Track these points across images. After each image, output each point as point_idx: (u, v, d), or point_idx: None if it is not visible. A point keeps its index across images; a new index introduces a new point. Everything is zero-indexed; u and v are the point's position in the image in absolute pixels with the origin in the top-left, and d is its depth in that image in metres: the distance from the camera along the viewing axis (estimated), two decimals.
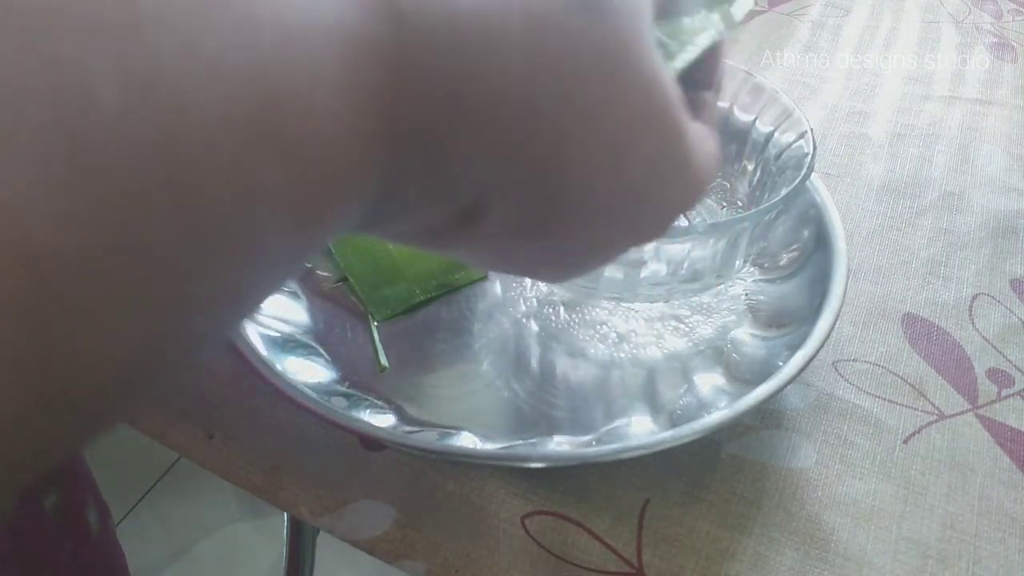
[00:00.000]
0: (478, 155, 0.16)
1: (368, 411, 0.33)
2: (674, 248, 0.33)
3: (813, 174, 0.37)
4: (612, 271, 0.35)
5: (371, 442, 0.34)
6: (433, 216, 0.17)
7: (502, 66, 0.15)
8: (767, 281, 0.40)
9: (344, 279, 0.40)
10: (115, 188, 0.10)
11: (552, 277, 0.22)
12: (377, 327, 0.38)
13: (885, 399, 0.36)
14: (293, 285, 0.39)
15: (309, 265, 0.41)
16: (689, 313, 0.39)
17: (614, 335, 0.38)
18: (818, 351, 0.33)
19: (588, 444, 0.33)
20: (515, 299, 0.40)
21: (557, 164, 0.17)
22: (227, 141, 0.11)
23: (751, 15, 0.66)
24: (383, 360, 0.37)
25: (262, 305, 0.37)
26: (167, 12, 0.11)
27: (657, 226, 0.21)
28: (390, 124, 0.14)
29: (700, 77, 0.23)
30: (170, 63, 0.10)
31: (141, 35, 0.10)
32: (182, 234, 0.11)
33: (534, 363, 0.37)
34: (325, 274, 0.41)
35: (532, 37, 0.15)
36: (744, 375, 0.35)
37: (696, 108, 0.22)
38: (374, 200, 0.15)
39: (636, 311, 0.39)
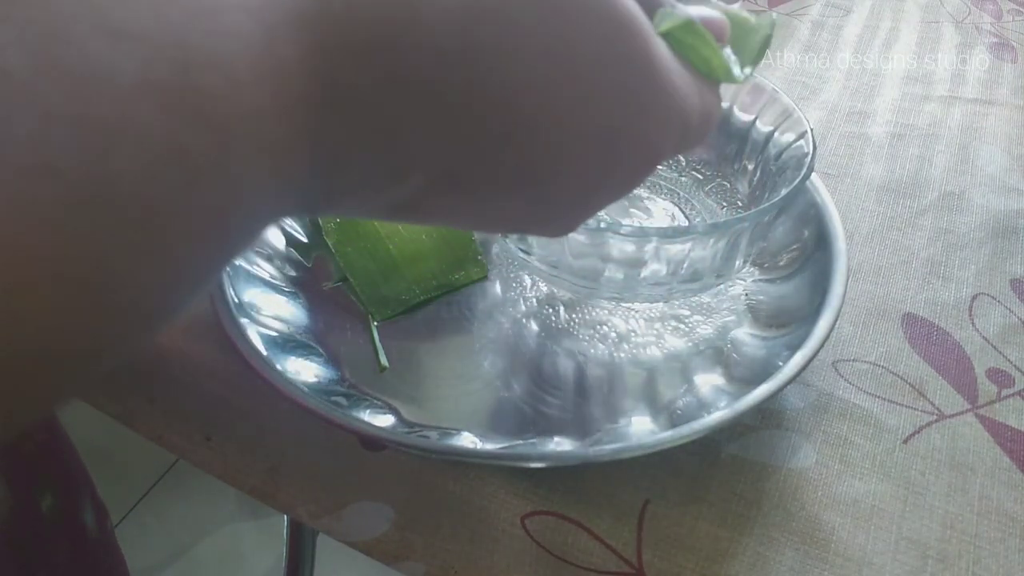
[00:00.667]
0: (429, 111, 0.15)
1: (368, 411, 0.33)
2: (674, 248, 0.33)
3: (813, 174, 0.37)
4: (612, 271, 0.35)
5: (371, 442, 0.34)
6: (402, 187, 0.17)
7: (440, 11, 0.14)
8: (767, 281, 0.40)
9: (344, 279, 0.40)
10: (26, 159, 0.10)
11: (548, 229, 0.21)
12: (377, 327, 0.38)
13: (885, 399, 0.36)
14: (293, 285, 0.40)
15: (309, 265, 0.41)
16: (689, 313, 0.39)
17: (614, 335, 0.38)
18: (818, 351, 0.33)
19: (588, 444, 0.33)
20: (515, 299, 0.40)
21: (519, 107, 0.16)
22: (141, 107, 0.11)
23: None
24: (383, 360, 0.37)
25: (261, 305, 0.37)
26: None
27: (644, 162, 0.20)
28: (321, 86, 0.14)
29: None
30: (78, 28, 0.10)
31: (48, 2, 0.10)
32: (98, 206, 0.10)
33: (534, 363, 0.37)
34: (325, 274, 0.41)
35: None
36: (744, 375, 0.35)
37: None
38: (320, 171, 0.15)
39: (636, 311, 0.39)
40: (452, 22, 0.15)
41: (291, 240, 0.41)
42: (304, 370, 0.34)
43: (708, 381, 0.36)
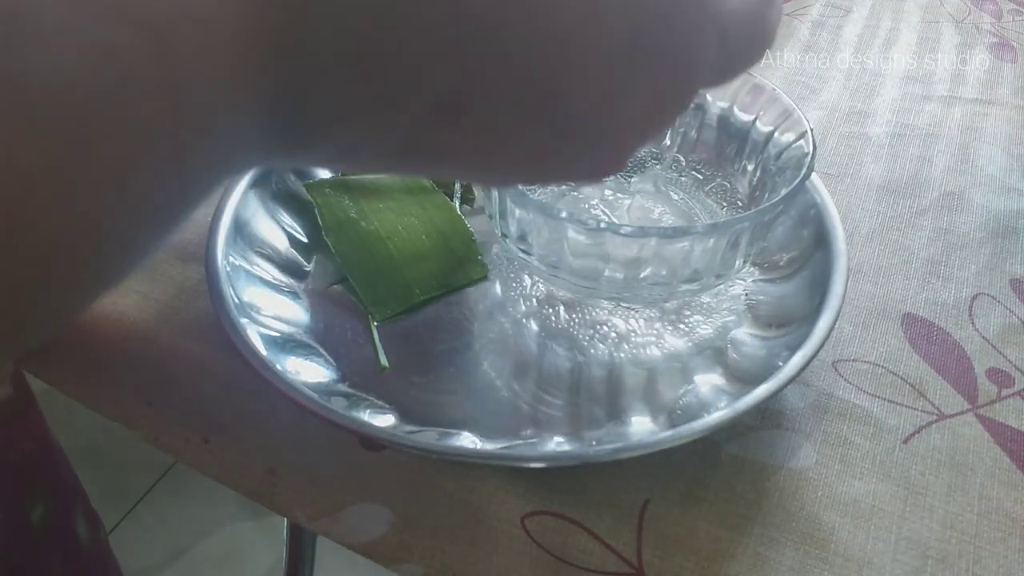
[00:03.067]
0: (415, 9, 0.13)
1: (368, 411, 0.33)
2: (674, 248, 0.33)
3: (813, 174, 0.37)
4: (612, 271, 0.35)
5: (371, 442, 0.34)
6: (398, 116, 0.15)
7: None
8: (767, 281, 0.40)
9: (344, 279, 0.40)
10: None
11: (586, 169, 0.18)
12: (377, 327, 0.38)
13: (885, 399, 0.36)
14: (293, 285, 0.40)
15: (308, 267, 0.41)
16: (689, 313, 0.39)
17: (614, 335, 0.38)
18: (818, 351, 0.33)
19: (588, 444, 0.33)
20: (515, 299, 0.40)
21: (524, 13, 0.14)
22: (59, 5, 0.10)
23: None
24: (383, 360, 0.37)
25: (261, 305, 0.37)
26: None
27: (678, 75, 0.17)
28: None
29: None
30: None
31: None
32: (51, 136, 0.10)
33: (534, 363, 0.37)
34: (325, 274, 0.41)
35: None
36: (744, 375, 0.35)
37: None
38: (292, 91, 0.13)
39: (636, 311, 0.39)
40: None
41: (291, 240, 0.41)
42: (304, 370, 0.34)
43: (708, 381, 0.36)
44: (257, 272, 0.38)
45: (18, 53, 0.09)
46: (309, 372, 0.35)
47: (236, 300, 0.35)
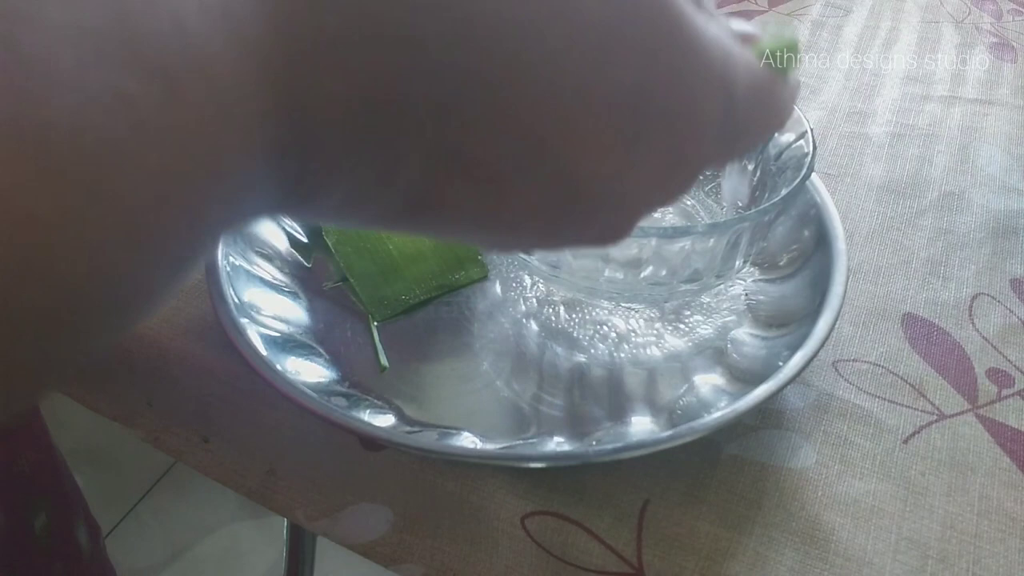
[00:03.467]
0: (416, 64, 0.13)
1: (368, 411, 0.33)
2: (674, 248, 0.33)
3: (813, 174, 0.37)
4: (612, 271, 0.35)
5: (371, 442, 0.34)
6: (400, 171, 0.15)
7: None
8: (767, 281, 0.40)
9: (344, 279, 0.40)
10: None
11: (592, 234, 0.18)
12: (377, 327, 0.38)
13: (885, 399, 0.36)
14: (293, 285, 0.40)
15: (309, 265, 0.41)
16: (689, 313, 0.39)
17: (614, 335, 0.38)
18: (818, 351, 0.33)
19: (588, 444, 0.33)
20: (515, 299, 0.40)
21: (528, 71, 0.14)
22: (70, 50, 0.10)
23: (751, 15, 0.66)
24: (383, 360, 0.37)
25: (261, 305, 0.37)
26: None
27: (684, 138, 0.17)
28: (282, 31, 0.12)
29: None
30: None
31: None
32: (65, 181, 0.10)
33: (534, 363, 0.37)
34: (325, 274, 0.41)
35: None
36: (744, 375, 0.35)
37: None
38: (296, 146, 0.13)
39: (636, 311, 0.39)
40: None
41: (291, 240, 0.41)
42: (304, 370, 0.34)
43: (708, 381, 0.36)
44: (257, 272, 0.38)
45: (35, 97, 0.09)
46: (309, 372, 0.35)
47: (236, 300, 0.35)
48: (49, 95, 0.09)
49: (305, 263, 0.41)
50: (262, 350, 0.33)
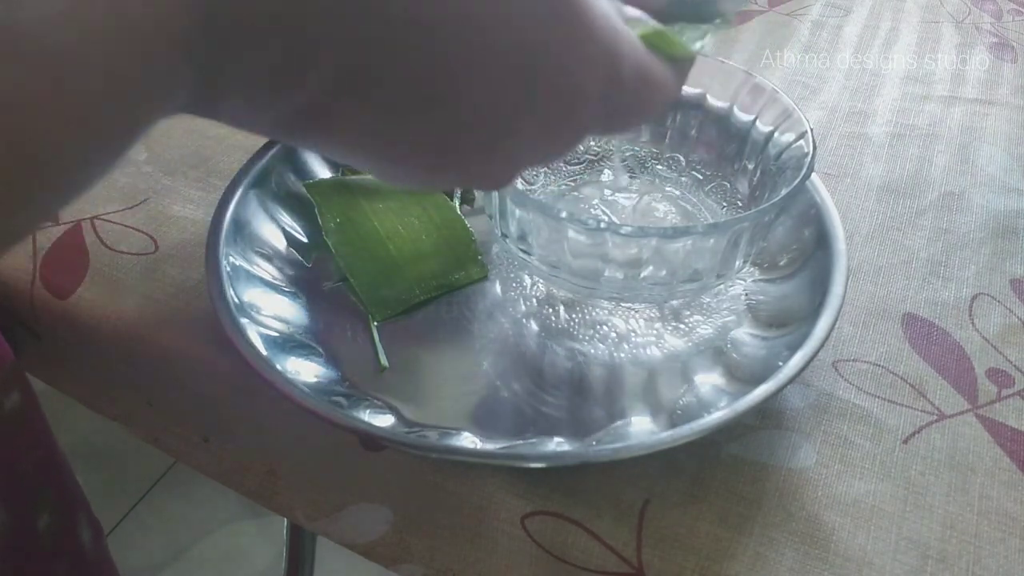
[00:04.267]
0: (324, 4, 0.15)
1: (368, 411, 0.33)
2: (674, 248, 0.33)
3: (813, 174, 0.37)
4: (612, 271, 0.35)
5: (371, 442, 0.34)
6: (299, 87, 0.16)
7: None
8: (767, 281, 0.40)
9: (344, 279, 0.40)
10: None
11: (469, 174, 0.20)
12: (377, 327, 0.38)
13: (885, 399, 0.36)
14: (293, 285, 0.40)
15: (309, 265, 0.41)
16: (689, 313, 0.39)
17: (614, 335, 0.38)
18: (818, 351, 0.33)
19: (588, 444, 0.33)
20: (515, 299, 0.40)
21: (435, 8, 0.15)
22: None
23: (751, 15, 0.66)
24: (383, 360, 0.37)
25: (261, 305, 0.37)
26: None
27: (565, 103, 0.19)
28: None
29: None
30: None
31: None
32: (34, 73, 0.11)
33: (534, 363, 0.37)
34: (325, 274, 0.41)
35: None
36: (744, 375, 0.35)
37: None
38: (201, 55, 0.14)
39: (636, 311, 0.39)
40: None
41: (291, 240, 0.41)
42: (304, 370, 0.34)
43: (708, 381, 0.36)
44: (257, 272, 0.38)
45: (12, 5, 0.11)
46: (309, 372, 0.35)
47: (236, 300, 0.35)
48: (24, 6, 0.12)
49: (305, 263, 0.41)
50: (262, 350, 0.33)
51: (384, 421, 0.33)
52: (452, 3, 0.16)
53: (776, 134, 0.39)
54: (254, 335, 0.34)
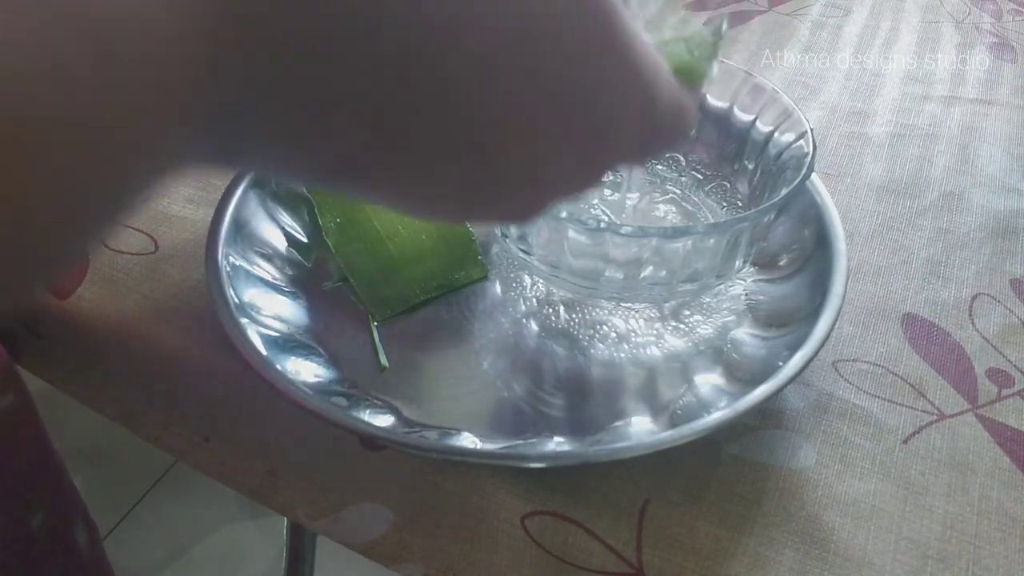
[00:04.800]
0: (347, 33, 0.14)
1: (368, 411, 0.33)
2: (674, 248, 0.33)
3: (813, 174, 0.37)
4: (612, 271, 0.35)
5: (371, 442, 0.34)
6: (328, 136, 0.15)
7: None
8: (767, 281, 0.40)
9: (344, 279, 0.40)
10: None
11: (506, 211, 0.20)
12: (377, 327, 0.38)
13: (885, 399, 0.36)
14: (293, 285, 0.40)
15: (309, 265, 0.41)
16: (689, 313, 0.39)
17: (614, 335, 0.38)
18: (818, 351, 0.33)
19: (588, 444, 0.33)
20: (515, 299, 0.40)
21: (460, 45, 0.15)
22: (24, 20, 0.10)
23: (751, 15, 0.66)
24: (383, 360, 0.37)
25: (261, 305, 0.37)
26: None
27: (602, 138, 0.18)
28: (220, 8, 0.12)
29: None
30: None
31: None
32: None
33: (534, 363, 0.37)
34: (325, 274, 0.41)
35: None
36: (744, 375, 0.35)
37: None
38: (228, 103, 0.13)
39: (636, 311, 0.39)
40: None
41: (291, 240, 0.41)
42: (304, 370, 0.34)
43: (708, 381, 0.36)
44: (257, 272, 0.38)
45: None
46: (309, 372, 0.35)
47: (236, 300, 0.35)
48: None
49: (305, 263, 0.41)
50: (262, 350, 0.33)
51: (384, 421, 0.33)
52: (492, 46, 0.15)
53: (776, 134, 0.39)
54: (254, 335, 0.34)
